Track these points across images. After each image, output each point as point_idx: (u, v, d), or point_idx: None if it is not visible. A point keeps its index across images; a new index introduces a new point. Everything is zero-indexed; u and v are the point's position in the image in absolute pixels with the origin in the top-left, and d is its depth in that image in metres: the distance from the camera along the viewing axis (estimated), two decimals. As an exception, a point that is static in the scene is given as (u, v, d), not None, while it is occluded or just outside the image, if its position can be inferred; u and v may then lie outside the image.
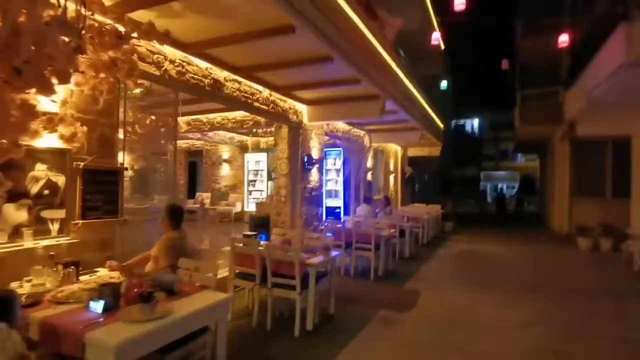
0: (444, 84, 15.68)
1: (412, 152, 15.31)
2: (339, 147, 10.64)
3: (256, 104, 5.93)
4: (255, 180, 12.44)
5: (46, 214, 3.12)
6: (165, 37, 3.11)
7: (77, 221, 3.32)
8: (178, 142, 13.74)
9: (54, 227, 3.18)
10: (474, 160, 36.66)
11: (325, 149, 10.68)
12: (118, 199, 3.70)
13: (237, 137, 12.02)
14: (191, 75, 4.63)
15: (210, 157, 13.43)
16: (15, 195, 2.89)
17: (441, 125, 14.14)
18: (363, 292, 5.60)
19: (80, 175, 3.36)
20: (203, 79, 4.83)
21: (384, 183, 13.28)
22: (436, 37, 10.18)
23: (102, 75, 3.06)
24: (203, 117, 8.58)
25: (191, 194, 13.89)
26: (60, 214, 3.22)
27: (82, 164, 3.34)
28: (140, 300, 2.21)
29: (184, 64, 4.53)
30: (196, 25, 3.91)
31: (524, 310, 4.96)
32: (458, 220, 13.40)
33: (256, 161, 12.33)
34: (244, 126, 8.06)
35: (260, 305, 4.17)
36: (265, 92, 6.17)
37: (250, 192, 12.41)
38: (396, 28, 7.33)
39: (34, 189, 3.03)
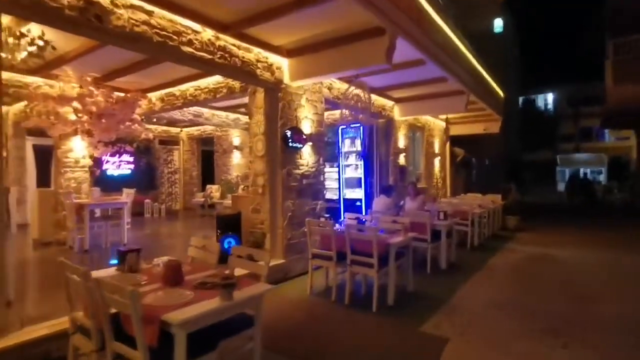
0: (498, 23, 12.29)
1: (463, 129, 12.40)
2: (357, 122, 8.37)
3: (187, 48, 3.97)
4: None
5: None
6: None
7: None
8: (188, 129, 12.47)
9: None
10: (549, 142, 31.53)
11: (341, 126, 8.52)
12: None
13: (244, 118, 10.24)
14: (24, -14, 2.79)
15: (222, 144, 11.88)
16: None
17: (501, 94, 11.10)
18: (345, 339, 3.43)
19: None
20: (59, -3, 2.97)
21: (425, 168, 10.72)
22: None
23: None
24: (176, 90, 6.87)
25: (205, 186, 12.51)
26: None
27: None
28: None
29: (4, -36, 2.69)
30: None
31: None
32: (526, 213, 10.40)
33: (267, 146, 10.47)
34: (217, 96, 6.18)
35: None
36: (207, 33, 4.18)
37: (261, 183, 10.62)
38: None
39: None
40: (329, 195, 8.99)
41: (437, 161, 11.50)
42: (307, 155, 5.71)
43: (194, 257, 3.18)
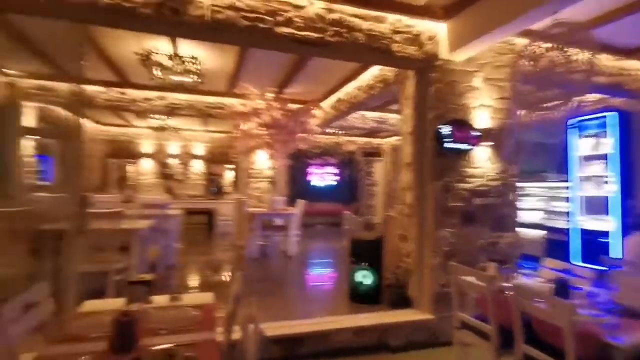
0: None
1: None
2: (604, 110, 5.30)
3: (283, 30, 3.15)
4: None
5: None
6: None
7: None
8: (389, 139, 11.79)
9: None
10: None
11: (569, 119, 5.69)
12: None
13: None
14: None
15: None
16: None
17: None
18: None
19: None
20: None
21: None
22: None
23: None
24: (342, 94, 6.25)
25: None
26: None
27: None
28: None
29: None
30: None
31: None
32: None
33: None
34: (373, 93, 5.08)
35: None
36: (314, 7, 3.24)
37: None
38: None
39: None
40: (557, 222, 6.17)
41: None
42: (481, 162, 3.79)
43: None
